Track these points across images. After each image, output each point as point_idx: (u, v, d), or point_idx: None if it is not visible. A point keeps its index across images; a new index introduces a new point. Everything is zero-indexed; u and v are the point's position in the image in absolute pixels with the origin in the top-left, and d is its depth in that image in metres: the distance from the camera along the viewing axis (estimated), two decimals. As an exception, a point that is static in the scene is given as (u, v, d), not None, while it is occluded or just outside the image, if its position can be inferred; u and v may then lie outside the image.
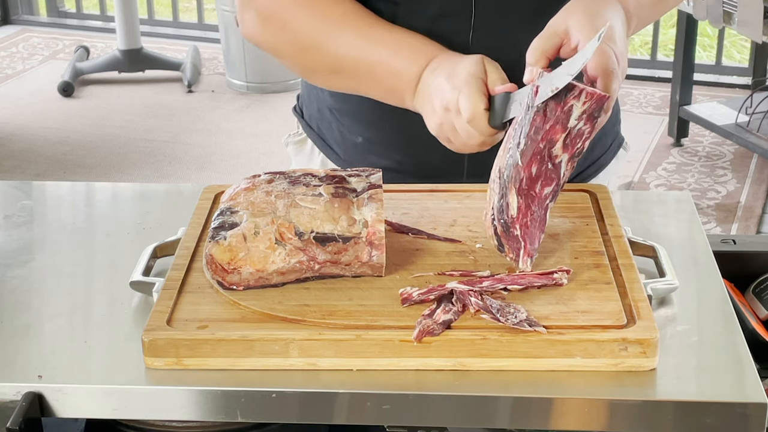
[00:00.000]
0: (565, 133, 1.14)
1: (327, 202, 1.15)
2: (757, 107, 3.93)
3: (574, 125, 1.14)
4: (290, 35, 1.38)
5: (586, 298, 1.10)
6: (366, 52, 1.34)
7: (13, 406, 1.02)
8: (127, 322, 1.14)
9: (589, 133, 1.15)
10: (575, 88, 1.13)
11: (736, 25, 3.67)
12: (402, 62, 1.32)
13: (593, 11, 1.23)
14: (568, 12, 1.24)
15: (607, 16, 1.23)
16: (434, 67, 1.29)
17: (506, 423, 1.02)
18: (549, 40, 1.22)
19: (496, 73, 1.24)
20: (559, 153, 1.15)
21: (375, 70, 1.34)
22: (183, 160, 4.22)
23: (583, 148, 1.16)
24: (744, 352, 1.06)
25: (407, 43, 1.33)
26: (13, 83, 5.07)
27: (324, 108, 1.52)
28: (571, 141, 1.15)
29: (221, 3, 4.84)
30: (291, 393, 1.02)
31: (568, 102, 1.14)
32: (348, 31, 1.35)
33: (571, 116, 1.14)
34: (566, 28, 1.21)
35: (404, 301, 1.09)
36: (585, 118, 1.14)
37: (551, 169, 1.16)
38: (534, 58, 1.21)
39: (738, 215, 3.67)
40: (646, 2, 1.35)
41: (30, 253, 1.30)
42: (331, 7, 1.36)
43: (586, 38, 1.19)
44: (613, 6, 1.26)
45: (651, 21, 1.45)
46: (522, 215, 1.15)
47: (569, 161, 1.16)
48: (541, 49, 1.21)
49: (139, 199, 1.47)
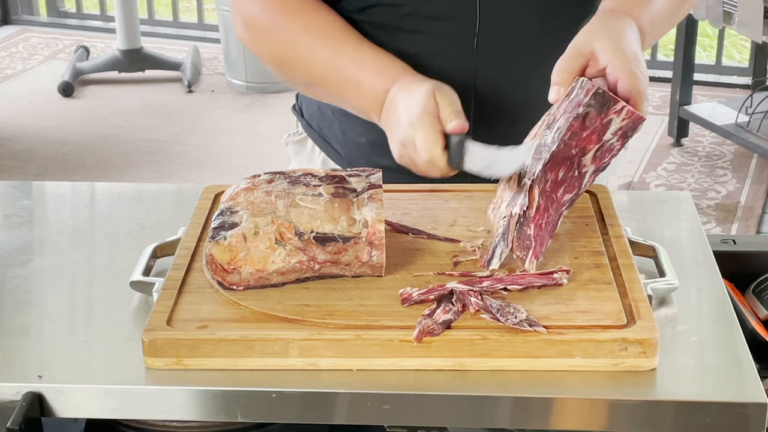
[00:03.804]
0: (598, 144, 1.15)
1: (327, 202, 1.15)
2: (757, 107, 3.93)
3: (609, 139, 1.15)
4: (269, 47, 1.42)
5: (586, 298, 1.10)
6: (335, 70, 1.36)
7: (13, 406, 1.02)
8: (127, 322, 1.14)
9: (617, 150, 1.16)
10: (618, 103, 1.14)
11: (736, 25, 3.67)
12: (368, 82, 1.33)
13: (617, 31, 1.24)
14: (592, 33, 1.24)
15: (630, 38, 1.24)
16: (396, 91, 1.30)
17: (506, 423, 1.03)
18: (575, 61, 1.22)
19: (448, 107, 1.24)
20: (587, 163, 1.16)
21: (343, 88, 1.36)
22: (183, 160, 4.22)
23: (609, 163, 1.17)
24: (744, 352, 1.06)
25: (373, 63, 1.34)
26: (13, 83, 5.06)
27: (325, 107, 1.53)
28: (601, 154, 1.16)
29: (221, 3, 4.84)
30: (291, 393, 1.02)
31: (609, 115, 1.15)
32: (321, 49, 1.37)
33: (608, 129, 1.15)
34: (592, 49, 1.22)
35: (404, 301, 1.09)
36: (619, 135, 1.16)
37: (576, 177, 1.16)
38: (560, 78, 1.21)
39: (738, 215, 3.67)
40: (660, 22, 1.36)
41: (30, 253, 1.30)
42: (311, 22, 1.38)
43: (617, 60, 1.19)
44: (631, 26, 1.27)
45: (660, 37, 1.46)
46: (539, 216, 1.15)
47: (593, 173, 1.17)
48: (567, 70, 1.22)
49: (139, 199, 1.46)
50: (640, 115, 1.16)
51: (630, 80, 1.19)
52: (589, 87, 1.16)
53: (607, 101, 1.15)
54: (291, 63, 1.41)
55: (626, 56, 1.20)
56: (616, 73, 1.19)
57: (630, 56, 1.20)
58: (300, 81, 1.44)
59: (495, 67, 1.40)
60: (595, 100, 1.15)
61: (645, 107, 1.20)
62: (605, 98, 1.15)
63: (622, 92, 1.19)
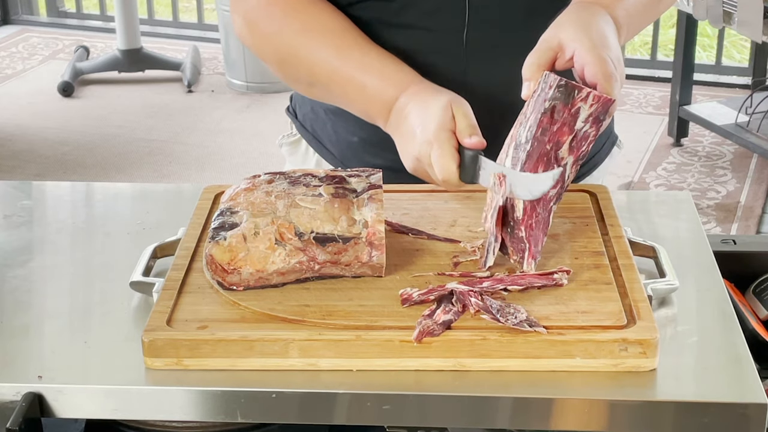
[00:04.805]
0: (571, 135, 1.15)
1: (327, 202, 1.15)
2: (757, 107, 3.93)
3: (581, 128, 1.15)
4: (271, 45, 1.41)
5: (586, 299, 1.10)
6: (340, 72, 1.35)
7: (13, 406, 1.02)
8: (127, 322, 1.14)
9: (593, 137, 1.16)
10: (582, 90, 1.14)
11: (736, 25, 3.67)
12: (374, 87, 1.33)
13: (584, 22, 1.24)
14: (559, 26, 1.24)
15: (599, 25, 1.24)
16: (406, 100, 1.30)
17: (506, 423, 1.02)
18: (544, 54, 1.22)
19: (464, 120, 1.23)
20: (565, 155, 1.15)
21: (347, 91, 1.36)
22: (183, 160, 4.22)
23: (587, 151, 1.17)
24: (744, 352, 1.06)
25: (380, 67, 1.34)
26: (13, 83, 5.07)
27: (318, 108, 1.53)
28: (576, 143, 1.15)
29: (221, 3, 4.84)
30: (291, 393, 1.02)
31: (576, 104, 1.14)
32: (325, 49, 1.36)
33: (578, 118, 1.15)
34: (559, 41, 1.22)
35: (404, 301, 1.09)
36: (591, 121, 1.15)
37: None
38: (530, 72, 1.21)
39: (738, 215, 3.67)
40: (636, 12, 1.35)
41: (30, 253, 1.30)
42: (314, 21, 1.37)
43: (582, 47, 1.19)
44: (602, 16, 1.26)
45: (641, 29, 1.46)
46: (527, 217, 1.15)
47: (574, 164, 1.16)
48: (536, 63, 1.22)
49: (139, 199, 1.46)
50: (608, 97, 1.15)
51: (596, 65, 1.18)
52: (552, 80, 1.15)
53: (571, 90, 1.14)
54: (294, 62, 1.39)
55: (592, 42, 1.20)
56: (582, 59, 1.19)
57: (595, 42, 1.20)
58: (302, 81, 1.42)
59: (485, 62, 1.40)
60: (559, 92, 1.14)
61: (616, 89, 1.19)
62: (569, 88, 1.14)
63: (590, 77, 1.18)
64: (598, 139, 1.53)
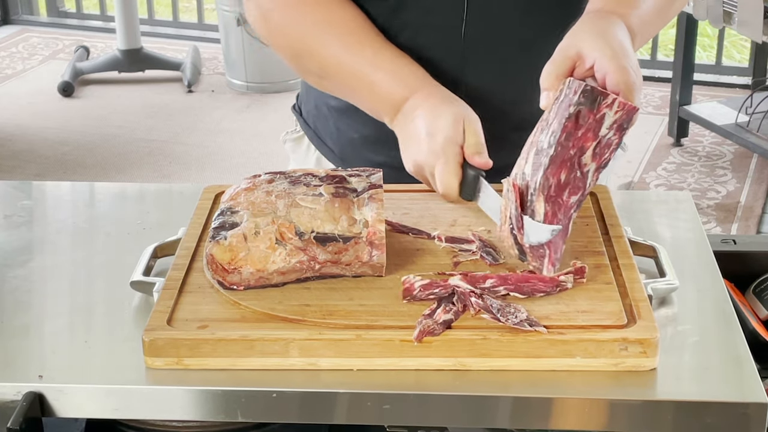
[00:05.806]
0: (595, 141, 1.14)
1: (327, 202, 1.15)
2: (757, 107, 3.93)
3: (605, 134, 1.14)
4: (284, 37, 1.41)
5: (586, 298, 1.10)
6: (351, 68, 1.36)
7: (13, 406, 1.02)
8: (127, 322, 1.14)
9: (616, 145, 1.15)
10: (608, 97, 1.14)
11: (736, 25, 3.67)
12: (384, 86, 1.33)
13: (602, 31, 1.23)
14: (576, 36, 1.24)
15: (616, 34, 1.23)
16: (416, 103, 1.30)
17: (506, 423, 1.02)
18: (562, 64, 1.22)
19: (473, 138, 1.24)
20: (588, 161, 1.15)
21: (357, 87, 1.36)
22: (183, 160, 4.22)
23: (609, 158, 1.16)
24: (744, 352, 1.06)
25: (391, 67, 1.34)
26: (13, 83, 5.07)
27: (321, 105, 1.53)
28: (600, 150, 1.15)
29: (221, 3, 4.84)
30: (291, 393, 1.02)
31: (601, 110, 1.14)
32: (338, 43, 1.37)
33: (602, 125, 1.14)
34: (578, 51, 1.21)
35: (406, 292, 1.09)
36: (615, 128, 1.15)
37: (579, 177, 1.15)
38: (548, 82, 1.21)
39: (738, 215, 3.67)
40: (649, 20, 1.35)
41: (30, 253, 1.30)
42: (329, 14, 1.37)
43: (603, 56, 1.19)
44: (618, 25, 1.26)
45: (652, 36, 1.46)
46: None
47: (596, 171, 1.15)
48: (554, 73, 1.21)
49: (139, 199, 1.47)
50: (633, 105, 1.15)
51: (618, 73, 1.18)
52: (576, 86, 1.15)
53: (597, 96, 1.14)
54: (306, 54, 1.40)
55: (612, 51, 1.19)
56: (604, 68, 1.19)
57: (616, 51, 1.20)
58: (313, 73, 1.43)
59: (483, 61, 1.40)
60: (584, 97, 1.14)
61: (638, 98, 1.19)
62: (595, 93, 1.14)
63: (612, 86, 1.18)
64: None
